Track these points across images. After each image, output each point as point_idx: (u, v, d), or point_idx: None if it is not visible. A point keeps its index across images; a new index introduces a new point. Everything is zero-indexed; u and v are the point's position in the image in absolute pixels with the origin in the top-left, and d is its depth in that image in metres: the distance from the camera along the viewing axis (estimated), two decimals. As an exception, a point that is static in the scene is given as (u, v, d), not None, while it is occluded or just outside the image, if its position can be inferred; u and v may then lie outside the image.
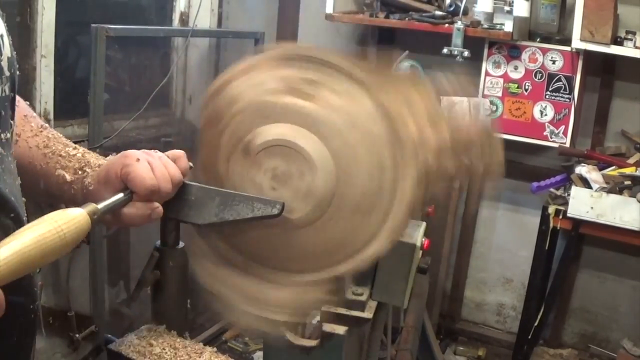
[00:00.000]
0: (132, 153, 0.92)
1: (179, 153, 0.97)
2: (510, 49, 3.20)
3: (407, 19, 3.21)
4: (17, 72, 0.82)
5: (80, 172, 0.93)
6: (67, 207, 0.75)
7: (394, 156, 0.92)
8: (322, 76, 0.94)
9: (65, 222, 0.70)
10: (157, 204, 0.91)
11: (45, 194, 0.95)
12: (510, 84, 3.23)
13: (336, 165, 0.91)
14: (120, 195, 0.88)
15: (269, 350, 1.09)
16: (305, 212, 0.91)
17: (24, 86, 2.45)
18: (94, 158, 0.96)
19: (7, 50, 0.78)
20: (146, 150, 0.94)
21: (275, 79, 0.96)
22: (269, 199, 0.91)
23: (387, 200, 0.92)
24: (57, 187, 0.94)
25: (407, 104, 0.94)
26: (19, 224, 0.75)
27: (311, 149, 0.91)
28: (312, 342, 1.05)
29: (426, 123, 0.94)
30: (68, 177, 0.93)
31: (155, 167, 0.90)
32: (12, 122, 0.82)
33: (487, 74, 3.25)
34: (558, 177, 3.15)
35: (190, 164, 0.98)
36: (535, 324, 3.15)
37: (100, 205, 0.82)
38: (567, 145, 3.16)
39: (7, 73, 0.78)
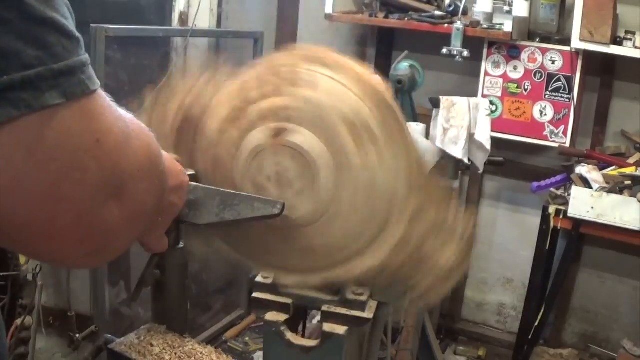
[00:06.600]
0: None
1: None
2: (510, 49, 3.20)
3: (406, 19, 3.21)
4: None
5: None
6: None
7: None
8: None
9: None
10: None
11: None
12: (509, 84, 3.23)
13: (335, 161, 0.90)
14: None
15: (268, 350, 1.09)
16: (308, 210, 0.90)
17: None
18: None
19: None
20: None
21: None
22: (269, 199, 0.90)
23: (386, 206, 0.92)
24: None
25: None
26: None
27: (309, 145, 0.91)
28: (312, 342, 1.05)
29: None
30: None
31: None
32: None
33: (486, 74, 3.25)
34: (558, 177, 3.15)
35: None
36: (536, 324, 3.15)
37: None
38: (567, 145, 3.16)
39: None
